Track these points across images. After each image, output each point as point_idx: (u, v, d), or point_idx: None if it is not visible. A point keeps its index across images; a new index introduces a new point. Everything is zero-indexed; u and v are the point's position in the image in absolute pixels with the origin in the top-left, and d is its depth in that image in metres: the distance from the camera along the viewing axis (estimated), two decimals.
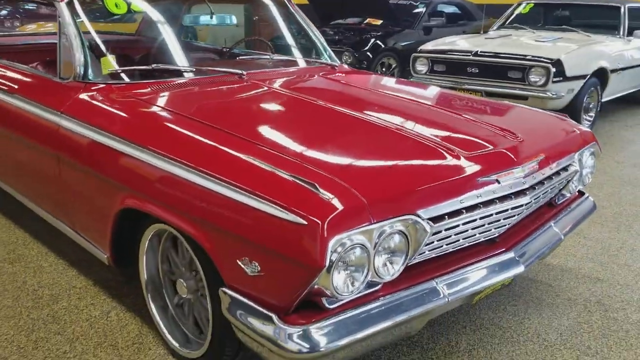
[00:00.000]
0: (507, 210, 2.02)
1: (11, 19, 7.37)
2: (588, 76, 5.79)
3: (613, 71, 6.18)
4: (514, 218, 2.10)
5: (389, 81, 3.32)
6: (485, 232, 2.02)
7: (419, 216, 1.70)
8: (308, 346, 1.58)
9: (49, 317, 2.45)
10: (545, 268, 2.97)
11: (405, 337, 2.26)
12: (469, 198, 1.86)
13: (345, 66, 3.26)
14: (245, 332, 1.70)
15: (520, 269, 2.07)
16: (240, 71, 2.70)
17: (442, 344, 2.31)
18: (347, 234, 1.55)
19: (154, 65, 2.59)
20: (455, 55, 5.99)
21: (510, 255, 2.09)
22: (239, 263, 1.69)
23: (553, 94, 5.46)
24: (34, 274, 2.81)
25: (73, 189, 2.43)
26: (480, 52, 5.83)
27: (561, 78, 5.52)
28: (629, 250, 3.21)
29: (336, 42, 7.76)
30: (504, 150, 2.06)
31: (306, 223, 1.52)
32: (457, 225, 1.86)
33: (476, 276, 1.97)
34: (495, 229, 2.05)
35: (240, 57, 3.25)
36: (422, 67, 6.23)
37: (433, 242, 1.83)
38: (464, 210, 1.84)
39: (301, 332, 1.60)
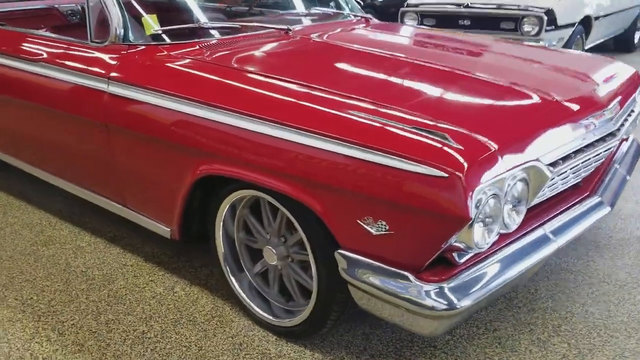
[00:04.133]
0: (599, 153, 2.00)
1: None
2: (576, 24, 5.85)
3: (596, 18, 6.26)
4: (601, 161, 2.09)
5: (428, 31, 3.19)
6: (578, 176, 2.00)
7: (540, 162, 1.66)
8: (447, 303, 1.53)
9: (111, 298, 2.31)
10: None
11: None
12: (577, 141, 1.82)
13: (375, 19, 3.14)
14: (372, 293, 1.63)
15: (607, 210, 2.07)
16: (286, 26, 2.56)
17: (523, 292, 2.30)
18: (485, 184, 1.49)
19: (201, 23, 2.42)
20: (446, 8, 5.92)
21: (597, 198, 2.08)
22: (361, 223, 1.61)
23: (546, 43, 5.48)
24: (75, 255, 2.65)
25: (126, 161, 2.27)
26: (471, 3, 5.78)
27: (553, 27, 5.54)
28: None
29: None
30: (592, 93, 2.03)
31: (447, 175, 1.45)
32: (565, 171, 1.83)
33: (573, 221, 1.95)
34: (584, 172, 2.04)
35: (274, 14, 3.08)
36: (410, 21, 6.15)
37: (543, 189, 1.79)
38: (573, 155, 1.81)
39: (438, 290, 1.55)
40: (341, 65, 2.16)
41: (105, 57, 2.29)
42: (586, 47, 6.40)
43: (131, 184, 2.32)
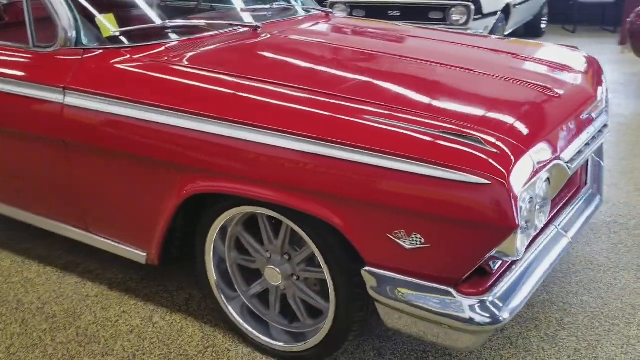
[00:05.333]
0: (597, 145, 1.99)
1: None
2: (499, 12, 6.02)
3: (514, 6, 6.49)
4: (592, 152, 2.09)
5: (404, 26, 3.06)
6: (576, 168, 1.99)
7: (561, 159, 1.61)
8: (490, 316, 1.45)
9: (81, 338, 2.04)
10: None
11: None
12: (585, 134, 1.80)
13: (337, 13, 3.01)
14: (407, 312, 1.52)
15: (599, 199, 2.09)
16: (255, 23, 2.37)
17: None
18: (525, 188, 1.41)
19: (164, 22, 2.18)
20: None
21: (589, 190, 2.10)
22: (392, 237, 1.49)
23: (475, 32, 5.60)
24: (25, 289, 2.33)
25: (89, 182, 2.00)
26: None
27: (480, 16, 5.67)
28: (628, 173, 3.40)
29: None
30: (584, 86, 2.02)
31: (489, 182, 1.36)
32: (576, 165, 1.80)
33: (576, 215, 1.94)
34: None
35: (231, 10, 2.85)
36: (340, 13, 6.06)
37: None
38: (583, 149, 1.78)
39: (480, 304, 1.46)
40: (332, 66, 2.01)
41: (57, 64, 2.00)
42: (505, 33, 6.63)
43: (95, 207, 2.06)
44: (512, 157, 1.42)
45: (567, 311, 2.13)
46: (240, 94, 1.70)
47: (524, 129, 1.58)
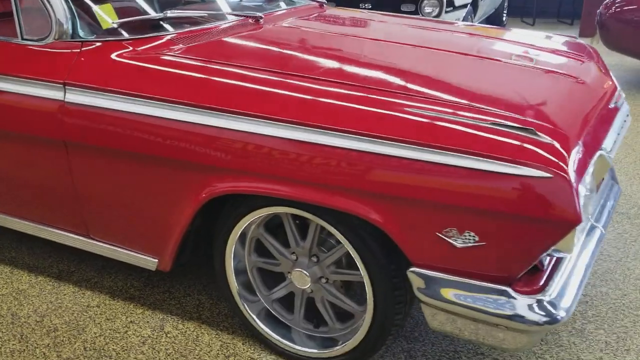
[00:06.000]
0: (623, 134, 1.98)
1: None
2: (468, 4, 6.06)
3: None
4: None
5: (408, 17, 2.98)
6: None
7: (604, 150, 1.58)
8: (547, 315, 1.39)
9: (90, 352, 1.90)
10: None
11: None
12: (617, 123, 1.77)
13: (328, 4, 2.92)
14: (458, 313, 1.45)
15: (617, 188, 2.08)
16: (257, 14, 2.25)
17: None
18: (582, 180, 1.36)
19: (167, 12, 2.03)
20: None
21: (609, 180, 2.08)
22: (442, 236, 1.41)
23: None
24: (19, 302, 2.16)
25: (94, 187, 1.86)
26: None
27: (451, 8, 5.68)
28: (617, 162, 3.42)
29: None
30: (603, 75, 1.99)
31: (551, 175, 1.30)
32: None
33: (602, 205, 1.92)
34: None
35: (233, 1, 2.71)
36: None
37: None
38: (617, 139, 1.75)
39: (537, 303, 1.40)
40: (354, 57, 1.91)
41: (53, 58, 1.85)
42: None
43: (98, 213, 1.91)
44: (569, 149, 1.37)
45: (589, 303, 2.11)
46: (266, 88, 1.59)
47: (569, 119, 1.53)
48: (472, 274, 1.44)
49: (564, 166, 1.31)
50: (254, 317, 1.86)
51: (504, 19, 8.57)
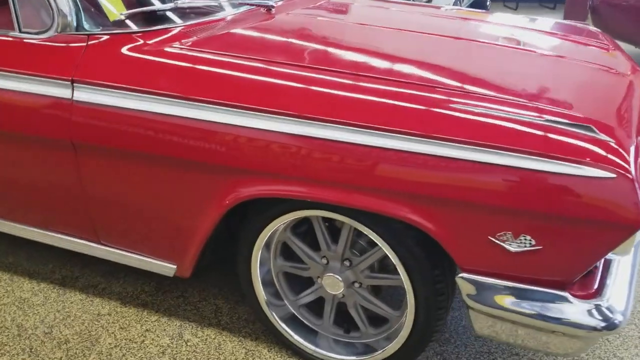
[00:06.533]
0: None
1: None
2: None
3: None
4: None
5: (418, 5, 2.88)
6: None
7: None
8: (605, 320, 1.34)
9: None
10: None
11: None
12: None
13: None
14: (511, 320, 1.38)
15: None
16: (269, 3, 2.13)
17: None
18: None
19: (176, 2, 1.90)
20: None
21: None
22: (495, 240, 1.34)
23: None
24: (23, 312, 2.03)
25: (105, 191, 1.74)
26: None
27: None
28: None
29: None
30: (630, 64, 1.93)
31: (614, 175, 1.23)
32: None
33: None
34: None
35: None
36: None
37: None
38: None
39: (595, 308, 1.34)
40: (380, 49, 1.81)
41: (57, 53, 1.71)
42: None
43: (110, 218, 1.79)
44: (627, 146, 1.30)
45: None
46: (301, 85, 1.48)
47: (619, 115, 1.46)
48: (525, 279, 1.37)
49: (626, 165, 1.25)
50: (281, 323, 1.77)
51: (488, 3, 8.53)
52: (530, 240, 1.31)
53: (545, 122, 1.32)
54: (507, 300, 1.37)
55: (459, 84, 1.47)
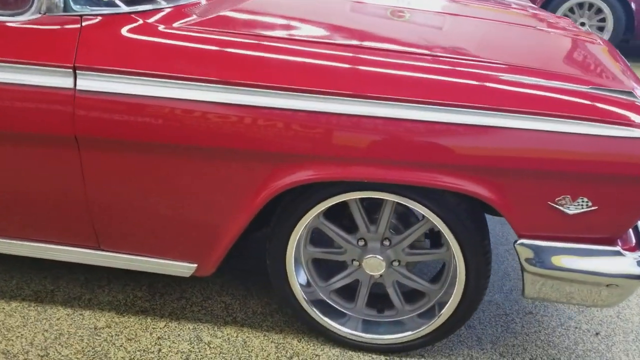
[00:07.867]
0: None
1: None
2: None
3: None
4: None
5: None
6: None
7: None
8: None
9: None
10: None
11: None
12: None
13: None
14: (569, 279, 1.46)
15: None
16: None
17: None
18: None
19: None
20: None
21: None
22: (554, 205, 1.41)
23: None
24: (4, 337, 1.78)
25: (112, 188, 1.57)
26: None
27: None
28: None
29: None
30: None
31: None
32: None
33: None
34: None
35: None
36: None
37: None
38: None
39: None
40: (404, 25, 1.80)
41: (50, 36, 1.51)
42: None
43: (116, 220, 1.63)
44: None
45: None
46: (341, 64, 1.44)
47: (636, 79, 1.59)
48: (579, 239, 1.45)
49: None
50: (315, 310, 1.73)
51: None
52: (587, 202, 1.40)
53: (590, 90, 1.40)
54: (565, 261, 1.45)
55: (504, 62, 1.51)
